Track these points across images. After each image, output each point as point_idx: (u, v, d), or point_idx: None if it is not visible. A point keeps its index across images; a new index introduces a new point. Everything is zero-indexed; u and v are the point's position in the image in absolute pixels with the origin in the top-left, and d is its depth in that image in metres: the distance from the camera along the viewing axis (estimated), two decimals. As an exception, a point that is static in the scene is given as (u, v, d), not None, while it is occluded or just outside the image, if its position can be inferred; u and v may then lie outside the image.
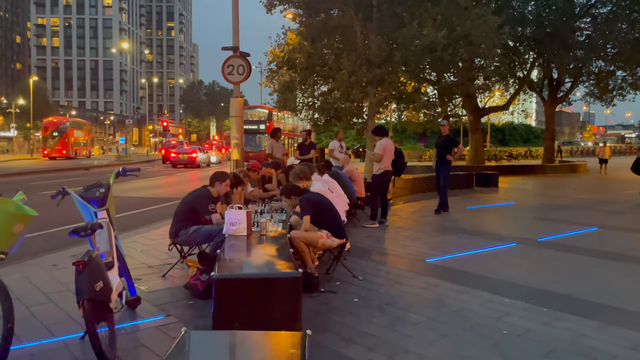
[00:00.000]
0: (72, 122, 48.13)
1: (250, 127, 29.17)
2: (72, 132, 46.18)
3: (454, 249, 7.28)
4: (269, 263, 4.12)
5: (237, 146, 11.22)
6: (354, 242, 7.66)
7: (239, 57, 11.08)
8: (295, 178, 6.20)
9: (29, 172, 27.18)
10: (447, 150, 10.87)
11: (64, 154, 44.00)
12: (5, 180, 21.57)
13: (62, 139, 44.66)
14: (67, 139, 45.09)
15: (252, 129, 30.34)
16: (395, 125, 53.30)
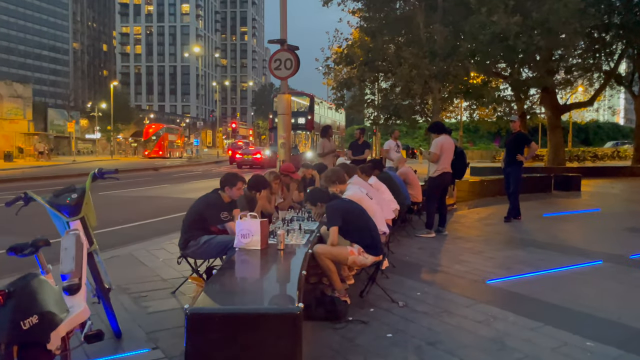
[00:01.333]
0: (166, 128, 55.48)
1: None
2: (166, 136, 52.77)
3: (522, 267, 6.06)
4: (269, 290, 3.25)
5: (284, 146, 10.48)
6: (402, 255, 6.64)
7: (287, 51, 10.34)
8: (327, 181, 5.30)
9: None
10: (517, 149, 9.52)
11: (160, 155, 49.84)
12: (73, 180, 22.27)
13: (159, 142, 51.20)
14: (163, 142, 51.60)
15: None
16: (467, 125, 50.99)
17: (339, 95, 16.47)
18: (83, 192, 3.50)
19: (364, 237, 4.55)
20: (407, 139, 63.07)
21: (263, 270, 3.80)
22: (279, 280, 3.44)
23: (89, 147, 70.85)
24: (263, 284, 3.41)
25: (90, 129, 71.04)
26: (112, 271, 5.69)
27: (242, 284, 3.35)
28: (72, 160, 44.44)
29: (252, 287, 3.29)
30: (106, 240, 7.95)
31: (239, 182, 4.80)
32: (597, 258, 6.54)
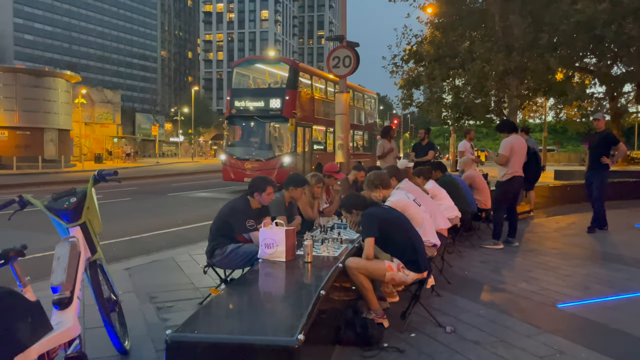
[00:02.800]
0: None
1: (252, 103, 16.69)
2: None
3: (604, 289, 5.16)
4: (273, 315, 2.79)
5: (342, 147, 10.03)
6: (461, 269, 5.94)
7: (346, 48, 9.89)
8: (369, 185, 4.76)
9: (174, 174, 29.05)
10: (603, 151, 8.40)
11: None
12: (150, 181, 23.16)
13: None
14: None
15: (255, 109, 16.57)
16: (553, 125, 47.83)
17: (407, 94, 15.73)
18: (83, 196, 3.22)
19: (405, 251, 3.97)
20: (487, 140, 60.39)
21: (276, 287, 3.36)
22: (287, 302, 2.98)
23: (173, 149, 74.52)
24: (267, 307, 2.95)
25: (174, 132, 74.64)
26: (147, 277, 5.53)
27: (244, 306, 2.91)
28: (156, 162, 46.82)
29: (253, 310, 2.84)
30: (155, 242, 7.91)
31: (269, 187, 4.39)
32: (701, 280, 5.48)
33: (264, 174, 14.51)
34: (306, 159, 17.41)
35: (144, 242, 8.06)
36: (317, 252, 4.07)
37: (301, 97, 16.91)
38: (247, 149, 17.08)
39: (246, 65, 20.08)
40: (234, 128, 17.61)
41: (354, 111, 20.46)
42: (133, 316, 4.12)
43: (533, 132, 59.20)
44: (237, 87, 18.13)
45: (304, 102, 17.02)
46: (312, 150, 17.94)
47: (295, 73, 17.00)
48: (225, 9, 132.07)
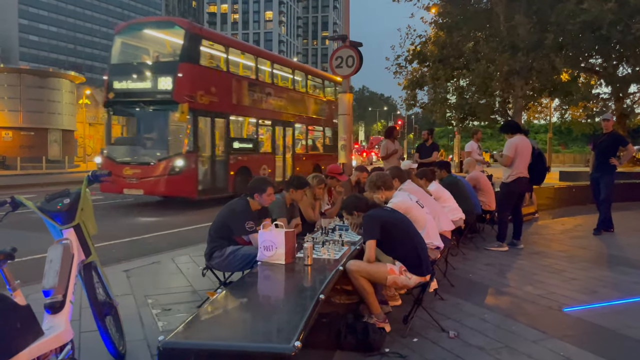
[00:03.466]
0: None
1: (136, 83, 12.60)
2: None
3: (611, 292, 5.06)
4: (270, 320, 2.70)
5: (345, 148, 9.94)
6: (465, 272, 5.83)
7: (349, 48, 9.79)
8: (371, 187, 4.66)
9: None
10: (611, 151, 8.28)
11: None
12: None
13: None
14: None
15: (140, 91, 12.48)
16: (558, 126, 47.57)
17: (411, 95, 15.63)
18: (77, 197, 3.15)
19: (407, 254, 3.87)
20: (492, 141, 60.15)
21: (274, 291, 3.27)
22: (285, 307, 2.89)
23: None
24: (264, 312, 2.85)
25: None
26: (145, 279, 5.45)
27: (240, 310, 2.82)
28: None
29: (249, 315, 2.75)
30: (156, 244, 7.83)
31: (269, 187, 4.30)
32: None
33: (149, 183, 11.72)
34: (218, 162, 12.93)
35: (145, 243, 7.99)
36: (318, 254, 3.98)
37: (206, 75, 12.46)
38: (129, 149, 12.66)
39: (131, 32, 13.96)
40: (114, 119, 13.12)
41: (307, 100, 17.94)
42: (130, 319, 4.05)
43: (538, 133, 59.13)
44: (118, 62, 13.12)
45: (211, 82, 12.49)
46: (229, 151, 13.24)
47: (194, 40, 12.26)
48: (230, 10, 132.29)
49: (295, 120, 16.85)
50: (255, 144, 14.82)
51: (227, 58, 13.61)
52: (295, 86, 17.44)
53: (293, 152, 16.89)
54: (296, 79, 17.62)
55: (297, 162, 16.93)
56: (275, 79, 16.06)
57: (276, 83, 16.13)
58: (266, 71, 15.67)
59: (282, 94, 16.24)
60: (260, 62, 15.28)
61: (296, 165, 16.77)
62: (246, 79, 14.87)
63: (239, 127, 14.61)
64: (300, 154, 17.59)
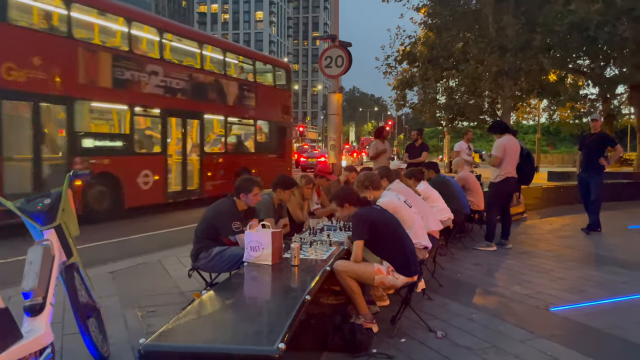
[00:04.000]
0: None
1: None
2: None
3: (598, 292, 5.07)
4: (254, 322, 2.66)
5: (335, 148, 9.92)
6: (454, 272, 5.83)
7: (338, 47, 9.79)
8: (359, 186, 4.63)
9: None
10: (599, 152, 8.32)
11: None
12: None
13: None
14: None
15: None
16: (546, 127, 47.94)
17: (401, 95, 15.65)
18: (58, 197, 3.08)
19: (395, 254, 3.85)
20: (481, 142, 60.50)
21: (260, 292, 3.23)
22: (271, 308, 2.85)
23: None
24: (249, 313, 2.81)
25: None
26: (131, 280, 5.38)
27: (225, 312, 2.77)
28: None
29: (234, 317, 2.71)
30: (144, 245, 7.75)
31: (255, 187, 4.26)
32: (696, 283, 5.40)
33: None
34: (47, 166, 9.24)
35: (133, 244, 7.91)
36: (305, 254, 3.94)
37: (23, 39, 8.81)
38: None
39: None
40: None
41: (227, 86, 13.82)
42: (114, 322, 3.99)
43: (527, 134, 59.56)
44: None
45: (34, 51, 8.96)
46: (74, 150, 9.69)
47: None
48: (220, 10, 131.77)
49: (204, 110, 12.95)
50: (127, 141, 10.88)
51: (70, 17, 9.63)
52: (206, 66, 13.18)
53: (201, 152, 12.77)
54: (208, 56, 13.45)
55: (208, 165, 12.93)
56: (166, 52, 12.06)
57: (169, 59, 12.23)
58: (152, 42, 11.82)
59: (179, 75, 12.10)
60: (137, 27, 11.28)
61: (207, 169, 12.85)
62: (109, 50, 10.71)
63: (96, 117, 10.88)
64: (214, 154, 13.48)
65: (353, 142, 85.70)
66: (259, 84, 15.31)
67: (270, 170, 13.32)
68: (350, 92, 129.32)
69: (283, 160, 16.22)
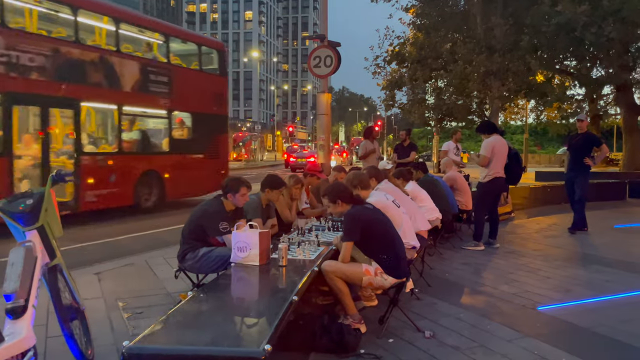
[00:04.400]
0: (251, 135, 60.99)
1: None
2: (250, 142, 58.12)
3: (585, 291, 5.11)
4: (239, 324, 2.64)
5: (323, 148, 9.91)
6: (442, 272, 5.84)
7: (327, 47, 9.77)
8: (347, 185, 4.63)
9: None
10: (585, 151, 8.39)
11: (246, 157, 54.82)
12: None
13: (246, 146, 56.60)
14: (249, 147, 57.57)
15: None
16: (534, 127, 48.32)
17: (389, 95, 15.68)
18: (41, 197, 3.03)
19: (386, 255, 3.83)
20: (470, 142, 60.84)
21: (247, 294, 3.21)
22: (257, 310, 2.83)
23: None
24: (236, 314, 2.79)
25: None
26: (117, 281, 5.33)
27: (211, 313, 2.74)
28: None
29: (220, 318, 2.67)
30: (130, 245, 7.68)
31: (243, 187, 4.23)
32: (680, 281, 5.47)
33: None
34: None
35: (119, 244, 7.83)
36: (293, 255, 3.92)
37: None
38: None
39: None
40: None
41: (135, 69, 11.00)
42: (99, 324, 3.94)
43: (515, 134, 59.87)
44: None
45: None
46: None
47: None
48: (209, 9, 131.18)
49: (82, 96, 9.91)
50: None
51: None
52: (85, 38, 10.20)
53: (77, 153, 9.71)
54: (89, 25, 10.45)
55: (89, 169, 9.81)
56: (8, 16, 8.73)
57: (20, 27, 9.20)
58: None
59: (37, 48, 8.97)
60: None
61: (87, 175, 9.71)
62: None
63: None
64: (99, 155, 10.45)
65: (343, 142, 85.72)
66: (176, 66, 12.23)
67: (196, 174, 12.02)
68: (339, 92, 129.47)
69: (215, 161, 13.10)
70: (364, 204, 4.01)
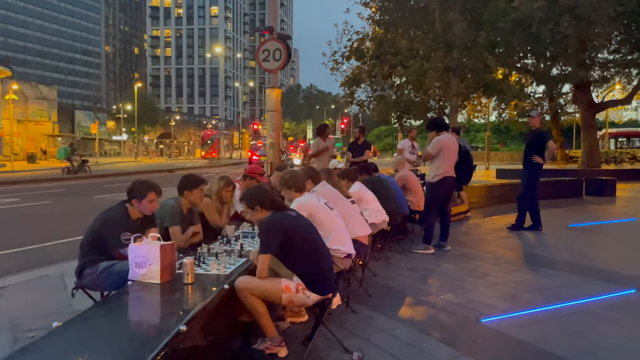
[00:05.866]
0: (219, 133, 60.94)
1: None
2: (218, 140, 58.51)
3: (532, 298, 4.80)
4: (115, 356, 2.15)
5: (273, 146, 9.41)
6: (386, 279, 5.46)
7: (276, 40, 9.28)
8: (281, 185, 4.19)
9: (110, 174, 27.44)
10: (535, 149, 8.18)
11: (214, 156, 54.73)
12: (82, 182, 21.79)
13: (214, 145, 57.10)
14: (217, 145, 57.73)
15: None
16: (498, 125, 49.01)
17: (349, 92, 15.29)
18: None
19: (309, 269, 3.39)
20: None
21: (130, 322, 2.70)
22: (137, 340, 2.34)
23: (116, 148, 71.60)
24: (111, 344, 2.29)
25: (117, 130, 71.75)
26: (18, 298, 4.71)
27: (82, 344, 2.25)
28: (95, 162, 44.62)
29: (92, 348, 2.19)
30: (54, 253, 7.03)
31: (150, 192, 3.72)
32: (630, 285, 5.23)
33: None
34: None
35: (42, 252, 7.17)
36: (206, 269, 3.45)
37: None
38: None
39: None
40: None
41: None
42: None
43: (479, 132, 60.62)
44: None
45: None
46: None
47: None
48: (173, 4, 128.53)
49: None
50: None
51: None
52: None
53: None
54: None
55: None
56: None
57: None
58: None
59: None
60: None
61: None
62: None
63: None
64: None
65: (311, 140, 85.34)
66: None
67: None
68: (307, 90, 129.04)
69: None
70: (285, 211, 3.57)
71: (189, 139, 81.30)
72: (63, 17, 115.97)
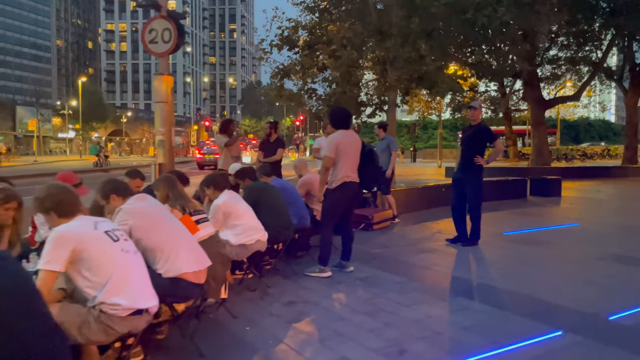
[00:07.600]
0: (175, 130, 57.09)
1: None
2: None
3: (430, 348, 3.56)
4: None
5: (163, 144, 7.94)
6: (246, 322, 4.11)
7: (164, 19, 7.84)
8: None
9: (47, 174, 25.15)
10: (478, 148, 6.91)
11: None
12: None
13: None
14: None
15: None
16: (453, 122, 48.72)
17: (278, 86, 13.92)
18: None
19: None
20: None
21: None
22: None
23: (62, 146, 68.19)
24: None
25: (64, 127, 68.33)
26: None
27: None
28: (33, 161, 41.82)
29: None
30: None
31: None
32: (559, 322, 4.07)
33: None
34: None
35: None
36: None
37: None
38: None
39: None
40: None
41: None
42: None
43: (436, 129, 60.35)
44: None
45: None
46: None
47: None
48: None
49: None
50: None
51: None
52: None
53: None
54: None
55: None
56: None
57: None
58: None
59: None
60: None
61: None
62: None
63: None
64: None
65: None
66: None
67: None
68: (268, 86, 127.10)
69: None
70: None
71: (142, 136, 78.30)
72: (9, 9, 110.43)
